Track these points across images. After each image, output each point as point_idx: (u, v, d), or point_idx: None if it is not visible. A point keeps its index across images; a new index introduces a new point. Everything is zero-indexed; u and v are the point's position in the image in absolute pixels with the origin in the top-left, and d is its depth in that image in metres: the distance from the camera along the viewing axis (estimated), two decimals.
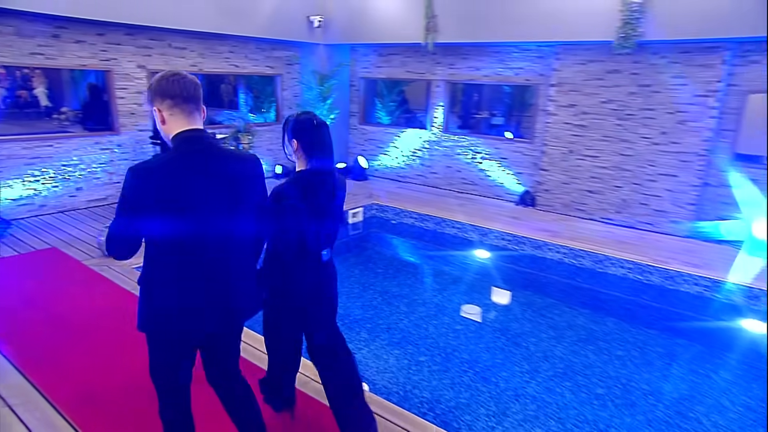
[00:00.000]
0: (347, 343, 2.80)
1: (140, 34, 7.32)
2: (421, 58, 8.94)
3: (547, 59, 7.66)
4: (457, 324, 4.98)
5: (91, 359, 3.30)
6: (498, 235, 6.79)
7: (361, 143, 10.21)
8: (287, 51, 9.50)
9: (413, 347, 4.51)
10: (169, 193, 1.82)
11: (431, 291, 5.69)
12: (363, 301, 5.34)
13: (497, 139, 8.53)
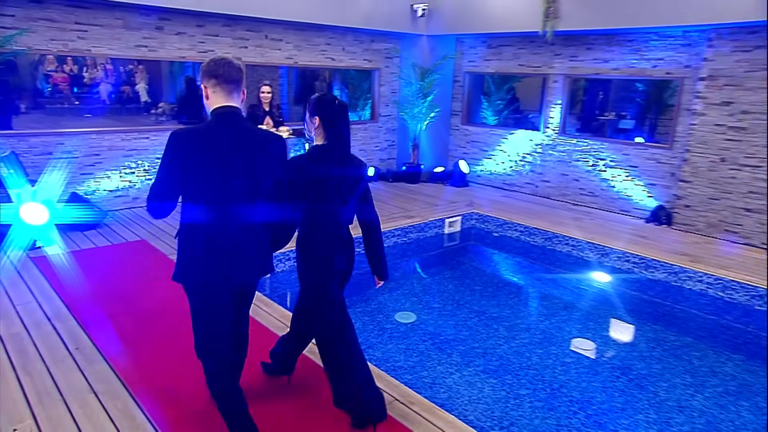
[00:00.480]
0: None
1: (238, 25, 7.85)
2: (536, 49, 8.72)
3: (696, 47, 7.11)
4: (567, 356, 4.74)
5: (170, 354, 3.54)
6: (621, 255, 6.39)
7: (463, 145, 10.14)
8: (387, 43, 9.70)
9: (513, 378, 4.35)
10: (198, 157, 2.29)
11: (537, 316, 5.47)
12: (456, 320, 5.26)
13: (626, 143, 8.06)
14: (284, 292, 5.69)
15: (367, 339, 4.80)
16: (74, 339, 3.62)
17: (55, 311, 4.06)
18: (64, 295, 4.37)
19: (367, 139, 10.00)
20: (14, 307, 4.14)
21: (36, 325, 3.82)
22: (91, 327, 3.82)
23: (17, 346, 3.51)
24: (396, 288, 6.01)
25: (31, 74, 8.06)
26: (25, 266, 5.04)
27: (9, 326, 3.80)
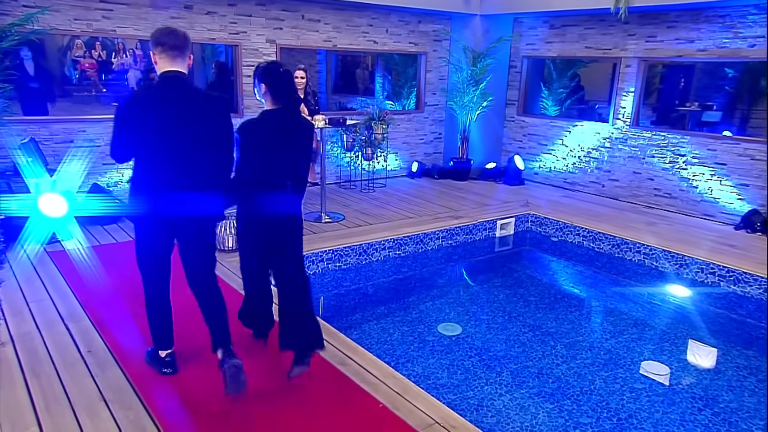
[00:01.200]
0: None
1: (273, 5, 7.89)
2: (607, 29, 8.43)
3: None
4: (637, 381, 4.52)
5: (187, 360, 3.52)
6: (705, 267, 6.08)
7: (519, 139, 9.93)
8: (435, 24, 9.59)
9: (572, 403, 4.17)
10: (145, 115, 2.94)
11: (602, 333, 5.25)
12: (508, 334, 5.11)
13: (713, 137, 7.67)
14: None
15: (406, 352, 4.71)
16: (87, 341, 3.66)
17: (70, 310, 4.12)
18: (80, 293, 4.44)
19: (411, 131, 9.90)
20: (27, 304, 4.23)
21: (48, 324, 3.89)
22: (105, 328, 3.85)
23: (27, 346, 3.57)
24: (440, 296, 5.90)
25: (59, 60, 8.35)
26: (42, 261, 5.17)
27: (20, 325, 3.88)
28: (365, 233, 6.33)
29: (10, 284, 4.58)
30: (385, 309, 5.52)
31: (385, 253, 6.32)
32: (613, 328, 5.35)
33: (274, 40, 8.05)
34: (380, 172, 9.24)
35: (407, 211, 7.40)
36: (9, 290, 4.47)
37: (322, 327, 3.94)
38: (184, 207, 3.05)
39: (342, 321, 5.20)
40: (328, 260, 5.86)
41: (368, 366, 3.51)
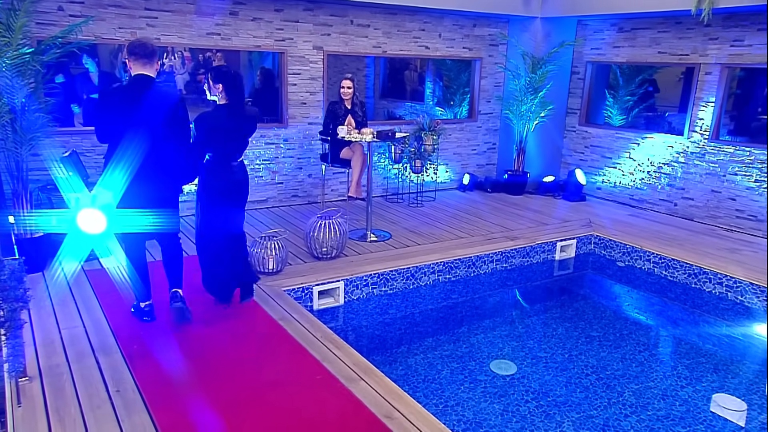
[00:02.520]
0: None
1: (320, 9, 7.77)
2: (684, 32, 7.95)
3: None
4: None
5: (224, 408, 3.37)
6: None
7: (580, 151, 9.52)
8: (492, 27, 9.31)
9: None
10: (119, 105, 4.01)
11: (676, 379, 4.85)
12: (568, 375, 4.78)
13: None
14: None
15: (456, 393, 4.45)
16: (116, 378, 3.55)
17: (102, 341, 4.04)
18: (113, 319, 4.37)
19: (462, 141, 9.63)
20: (59, 331, 4.18)
21: (79, 356, 3.81)
22: (136, 363, 3.75)
23: (55, 382, 3.49)
24: (492, 327, 5.61)
25: (110, 63, 8.49)
26: (78, 281, 5.15)
27: (50, 355, 3.82)
28: (413, 255, 6.10)
29: (44, 307, 4.56)
30: (433, 341, 5.27)
31: (434, 277, 6.08)
32: (690, 373, 4.94)
33: (322, 47, 7.93)
34: (429, 184, 9.01)
35: (458, 230, 7.13)
36: (43, 314, 4.44)
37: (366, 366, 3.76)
38: (149, 181, 4.08)
39: (387, 354, 4.99)
40: (373, 284, 5.66)
41: (417, 421, 3.23)
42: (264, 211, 7.81)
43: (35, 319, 4.36)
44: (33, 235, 5.41)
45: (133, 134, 3.89)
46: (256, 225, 7.11)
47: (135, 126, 3.91)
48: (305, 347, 4.01)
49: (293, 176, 8.15)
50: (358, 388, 3.49)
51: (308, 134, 8.09)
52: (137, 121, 3.91)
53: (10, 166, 5.30)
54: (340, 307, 5.46)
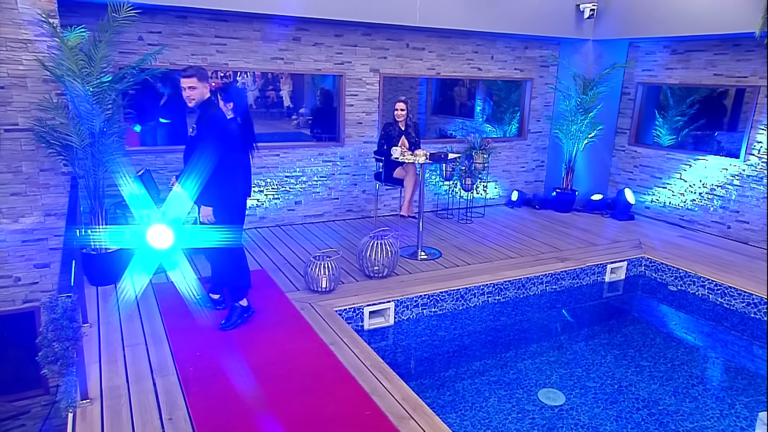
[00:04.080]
0: None
1: (378, 34, 7.53)
2: (742, 54, 7.32)
3: None
4: None
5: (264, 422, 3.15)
6: None
7: (629, 170, 8.95)
8: (544, 49, 8.87)
9: None
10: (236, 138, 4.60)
11: (734, 419, 4.36)
12: (618, 409, 4.35)
13: None
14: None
15: (504, 424, 4.11)
16: (170, 404, 3.37)
17: (161, 361, 3.89)
18: (174, 338, 4.22)
19: (512, 158, 9.22)
20: (123, 348, 4.06)
21: (138, 378, 3.66)
22: (191, 389, 3.56)
23: (113, 405, 3.34)
24: (541, 353, 5.23)
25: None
26: (146, 295, 5.06)
27: (112, 376, 3.68)
28: (463, 276, 5.77)
29: (112, 323, 4.46)
30: (481, 365, 4.93)
31: (484, 299, 5.73)
32: (749, 413, 4.43)
33: (378, 69, 7.68)
34: (478, 200, 8.63)
35: (507, 248, 6.76)
36: (110, 330, 4.34)
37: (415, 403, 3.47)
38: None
39: (435, 378, 4.70)
40: (423, 305, 5.37)
41: None
42: (320, 225, 7.61)
43: (103, 334, 4.28)
44: (107, 250, 5.36)
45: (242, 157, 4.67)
46: (312, 239, 6.92)
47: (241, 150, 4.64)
48: (355, 377, 3.73)
49: (348, 192, 7.93)
50: (408, 429, 3.18)
51: (363, 152, 7.86)
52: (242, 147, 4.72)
53: (89, 185, 5.25)
54: (389, 327, 5.19)
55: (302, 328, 4.47)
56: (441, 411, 4.12)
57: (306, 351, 4.15)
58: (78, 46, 4.82)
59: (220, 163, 4.10)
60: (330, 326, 4.51)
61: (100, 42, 4.95)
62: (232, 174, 4.25)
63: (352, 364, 3.92)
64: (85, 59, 4.87)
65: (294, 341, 4.28)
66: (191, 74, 4.05)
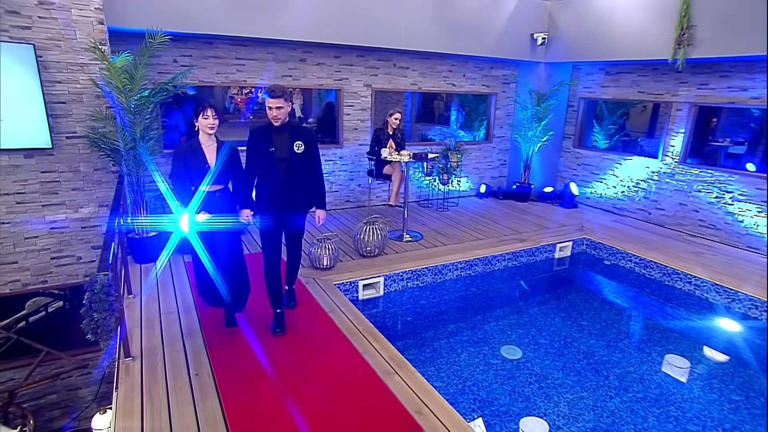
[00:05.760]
0: None
1: (370, 55, 7.34)
2: (660, 76, 7.23)
3: None
4: (692, 423, 3.62)
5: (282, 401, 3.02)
6: (758, 304, 4.96)
7: (573, 168, 8.85)
8: (505, 69, 8.70)
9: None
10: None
11: (651, 365, 4.32)
12: (564, 361, 4.31)
13: (761, 176, 6.35)
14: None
15: (473, 374, 4.04)
16: (197, 362, 3.27)
17: (190, 326, 3.78)
18: (200, 306, 4.11)
19: (480, 158, 9.08)
20: (160, 315, 3.94)
21: (171, 340, 3.56)
22: (214, 349, 3.46)
23: (151, 363, 3.24)
24: (503, 317, 5.16)
25: (222, 97, 8.41)
26: (179, 271, 4.93)
27: (151, 337, 3.58)
28: (440, 254, 5.67)
29: (152, 295, 4.34)
30: (455, 327, 4.86)
31: (457, 273, 5.64)
32: (660, 357, 4.39)
33: (371, 84, 7.50)
34: (453, 192, 8.52)
35: (476, 232, 6.66)
36: (150, 300, 4.22)
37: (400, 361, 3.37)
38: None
39: (416, 338, 4.61)
40: (408, 279, 5.27)
41: (443, 417, 2.82)
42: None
43: (144, 303, 4.15)
44: (149, 234, 5.21)
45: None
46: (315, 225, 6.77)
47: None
48: (350, 339, 3.64)
49: (346, 186, 7.79)
50: (393, 383, 3.10)
51: (358, 153, 7.70)
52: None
53: (132, 181, 5.09)
54: (380, 298, 5.10)
55: (307, 299, 4.36)
56: (422, 365, 4.05)
57: (309, 318, 4.05)
58: (123, 68, 4.66)
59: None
60: (330, 297, 4.40)
61: (139, 64, 4.78)
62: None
63: (347, 329, 3.82)
64: (128, 78, 4.71)
65: (299, 311, 4.17)
66: (279, 95, 3.39)
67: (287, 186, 3.56)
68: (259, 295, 4.16)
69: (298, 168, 3.56)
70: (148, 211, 5.33)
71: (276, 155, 3.48)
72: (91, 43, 4.64)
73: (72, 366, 4.88)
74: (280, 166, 3.51)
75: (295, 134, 3.52)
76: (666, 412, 3.70)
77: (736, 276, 5.38)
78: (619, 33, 6.92)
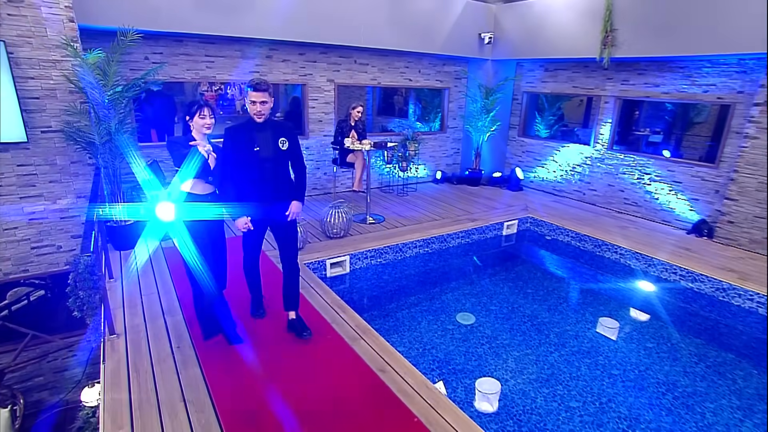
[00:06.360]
0: None
1: (332, 52, 7.31)
2: (590, 73, 7.56)
3: (752, 74, 5.79)
4: (614, 368, 3.93)
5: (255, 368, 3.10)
6: (667, 267, 5.37)
7: (519, 154, 9.16)
8: (457, 66, 8.85)
9: (564, 389, 3.63)
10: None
11: (585, 324, 4.64)
12: (511, 324, 4.55)
13: (673, 161, 6.81)
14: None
15: (432, 339, 4.22)
16: (178, 336, 3.29)
17: (169, 304, 3.77)
18: (180, 287, 4.09)
19: (436, 147, 9.25)
20: (141, 296, 3.91)
21: (153, 317, 3.55)
22: (193, 324, 3.47)
23: (135, 338, 3.24)
24: (458, 288, 5.37)
25: (192, 93, 8.17)
26: (157, 256, 4.86)
27: (133, 316, 3.55)
28: (401, 234, 5.81)
29: (132, 278, 4.28)
30: (415, 299, 5.02)
31: (416, 251, 5.80)
32: (594, 318, 4.72)
33: (333, 80, 7.49)
34: (412, 179, 8.67)
35: (433, 214, 6.83)
36: (130, 283, 4.16)
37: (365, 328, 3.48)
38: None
39: (381, 310, 4.75)
40: (371, 257, 5.39)
41: (404, 374, 2.97)
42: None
43: (125, 286, 4.09)
44: (126, 222, 5.09)
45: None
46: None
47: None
48: (319, 311, 3.73)
49: (312, 174, 7.78)
50: (359, 346, 3.23)
51: (323, 143, 7.71)
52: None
53: (108, 173, 4.94)
54: (346, 275, 5.19)
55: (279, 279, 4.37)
56: (386, 333, 4.17)
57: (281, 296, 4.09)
58: (96, 64, 4.49)
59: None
60: (300, 275, 4.45)
61: (112, 60, 4.62)
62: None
63: (317, 303, 3.90)
64: (101, 74, 4.55)
65: (272, 288, 4.19)
66: (264, 88, 2.93)
67: (276, 186, 3.14)
68: (235, 274, 4.18)
69: (285, 166, 3.16)
70: (126, 201, 5.20)
71: (261, 154, 3.03)
72: (62, 40, 4.45)
73: (57, 347, 4.76)
74: (266, 166, 3.07)
75: (278, 131, 3.09)
76: (595, 362, 4.00)
77: (652, 245, 5.79)
78: (554, 34, 7.17)
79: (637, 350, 4.20)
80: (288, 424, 2.51)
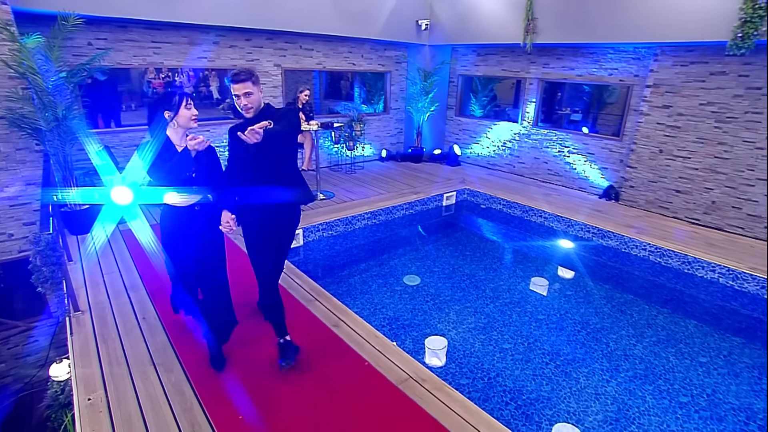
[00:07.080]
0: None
1: (278, 38, 7.17)
2: (516, 57, 7.92)
3: (644, 60, 6.34)
4: (540, 314, 4.34)
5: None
6: (583, 227, 5.88)
7: (456, 133, 9.47)
8: (397, 51, 8.93)
9: (498, 334, 3.99)
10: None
11: (515, 279, 5.03)
12: (453, 282, 4.86)
13: (587, 135, 7.35)
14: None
15: (382, 300, 4.43)
16: (142, 309, 3.28)
17: (132, 282, 3.71)
18: (141, 266, 4.02)
19: (380, 128, 9.36)
20: (102, 276, 3.81)
21: (116, 294, 3.49)
22: (157, 297, 3.47)
23: (100, 314, 3.19)
24: (404, 254, 5.60)
25: (139, 81, 7.69)
26: (115, 238, 4.71)
27: (96, 294, 3.48)
28: (350, 208, 5.94)
29: (91, 258, 4.14)
30: (365, 266, 5.20)
31: (365, 222, 5.96)
32: (523, 273, 5.13)
33: (280, 64, 7.36)
34: (359, 158, 8.77)
35: (379, 188, 7.00)
36: (90, 264, 4.03)
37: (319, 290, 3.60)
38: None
39: (334, 277, 4.89)
40: (323, 230, 5.49)
41: (356, 327, 3.16)
42: None
43: (85, 267, 3.97)
44: (81, 207, 4.86)
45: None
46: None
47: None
48: None
49: None
50: (314, 307, 3.37)
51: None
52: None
53: (59, 159, 4.67)
54: (300, 247, 5.28)
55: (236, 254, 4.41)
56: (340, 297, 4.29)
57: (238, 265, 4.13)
58: (35, 49, 4.17)
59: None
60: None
61: (53, 46, 4.32)
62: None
63: None
64: (42, 59, 4.24)
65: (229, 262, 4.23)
66: (245, 78, 2.34)
67: (275, 186, 2.60)
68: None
69: (284, 160, 2.60)
70: (79, 186, 4.95)
71: (251, 150, 2.36)
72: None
73: (17, 330, 4.54)
74: (262, 164, 2.55)
75: (273, 120, 2.42)
76: (524, 310, 4.38)
77: (572, 209, 6.30)
78: (484, 21, 7.41)
79: (559, 298, 4.65)
80: (251, 375, 2.63)
